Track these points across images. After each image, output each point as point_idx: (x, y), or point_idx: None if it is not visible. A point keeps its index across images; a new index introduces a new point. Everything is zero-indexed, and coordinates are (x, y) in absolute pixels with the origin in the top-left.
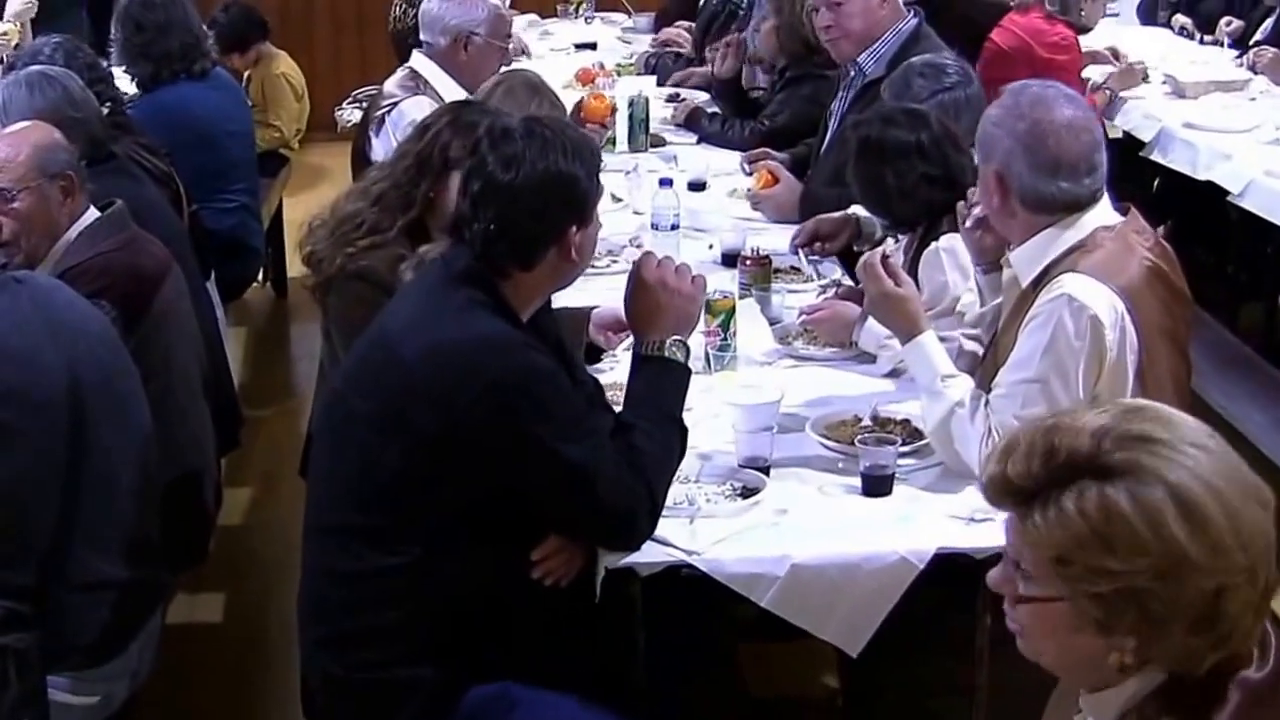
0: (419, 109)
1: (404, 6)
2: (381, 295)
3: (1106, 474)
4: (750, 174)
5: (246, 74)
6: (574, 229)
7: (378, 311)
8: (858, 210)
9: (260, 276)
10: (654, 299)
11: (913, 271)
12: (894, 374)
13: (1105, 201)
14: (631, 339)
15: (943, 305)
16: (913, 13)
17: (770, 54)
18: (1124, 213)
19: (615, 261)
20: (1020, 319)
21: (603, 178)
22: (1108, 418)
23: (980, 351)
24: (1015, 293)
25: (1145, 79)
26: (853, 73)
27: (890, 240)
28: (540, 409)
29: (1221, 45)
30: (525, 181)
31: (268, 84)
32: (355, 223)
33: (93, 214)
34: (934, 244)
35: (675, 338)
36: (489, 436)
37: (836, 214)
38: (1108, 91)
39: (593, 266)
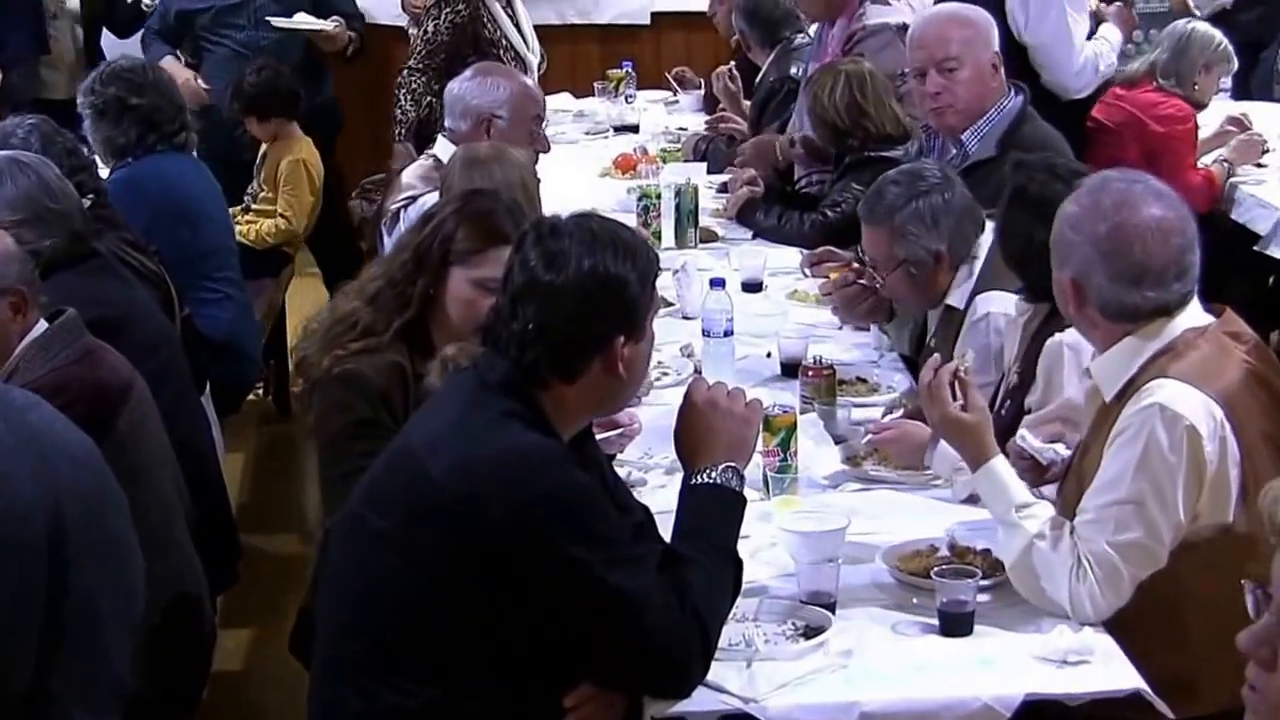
0: None
1: (419, 94)
2: (365, 402)
3: None
4: (810, 276)
5: (262, 150)
6: (621, 339)
7: (359, 420)
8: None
9: (261, 390)
10: (704, 421)
11: (1031, 353)
12: (972, 499)
13: (1195, 302)
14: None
15: (1051, 408)
16: (1015, 90)
17: (823, 142)
18: (1217, 314)
19: (666, 374)
20: (1104, 435)
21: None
22: None
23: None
24: (1097, 406)
25: (1265, 151)
26: (953, 150)
27: (969, 354)
28: (580, 531)
29: None
30: (569, 280)
31: (285, 167)
32: (348, 324)
33: (42, 325)
34: (1059, 337)
35: (728, 464)
36: (522, 561)
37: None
38: (1225, 164)
39: None
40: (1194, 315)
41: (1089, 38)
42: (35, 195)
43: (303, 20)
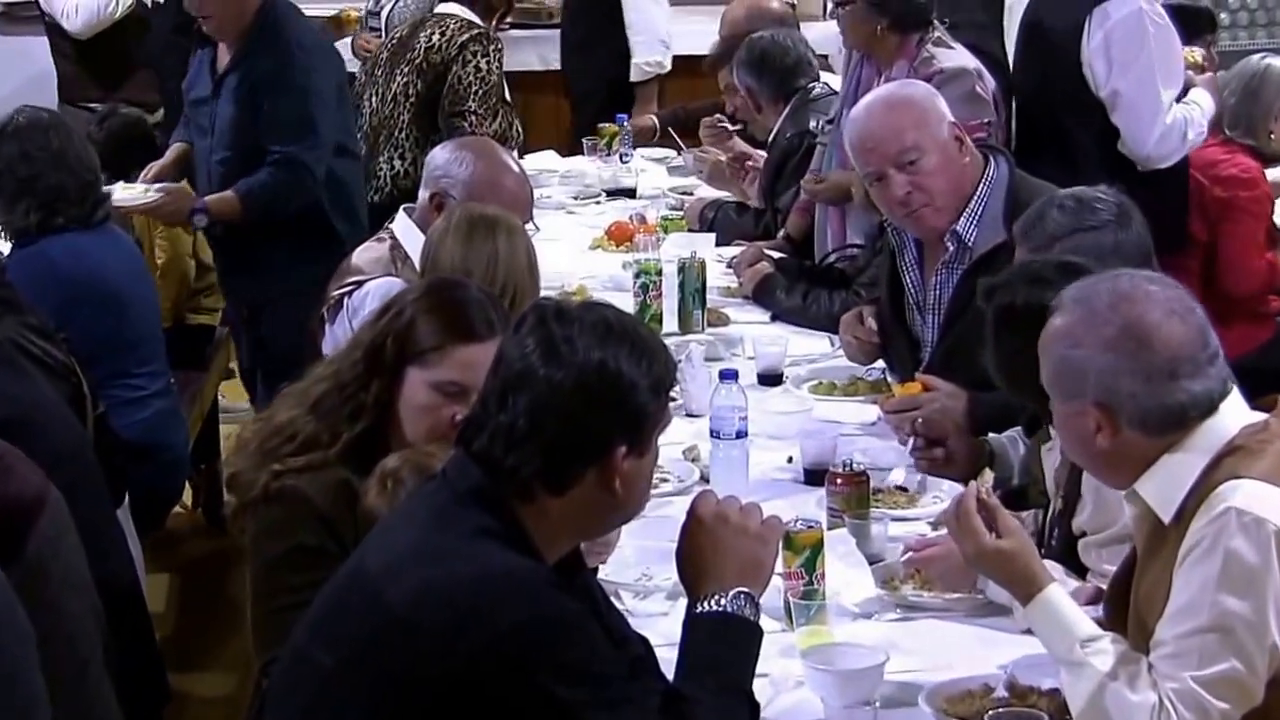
0: (389, 293)
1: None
2: (307, 527)
3: None
4: (739, 280)
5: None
6: (623, 449)
7: (299, 547)
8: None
9: (190, 501)
10: (712, 539)
11: (1074, 482)
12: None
13: (1236, 393)
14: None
15: (1116, 529)
16: (992, 154)
17: (865, 206)
18: (1269, 407)
19: (666, 480)
20: (1162, 558)
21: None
22: None
23: None
24: (1147, 528)
25: None
26: (950, 248)
27: (987, 474)
28: (566, 667)
29: None
30: (570, 374)
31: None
32: (286, 435)
33: None
34: None
35: (740, 589)
36: (497, 702)
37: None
38: None
39: None
40: (1241, 409)
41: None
42: None
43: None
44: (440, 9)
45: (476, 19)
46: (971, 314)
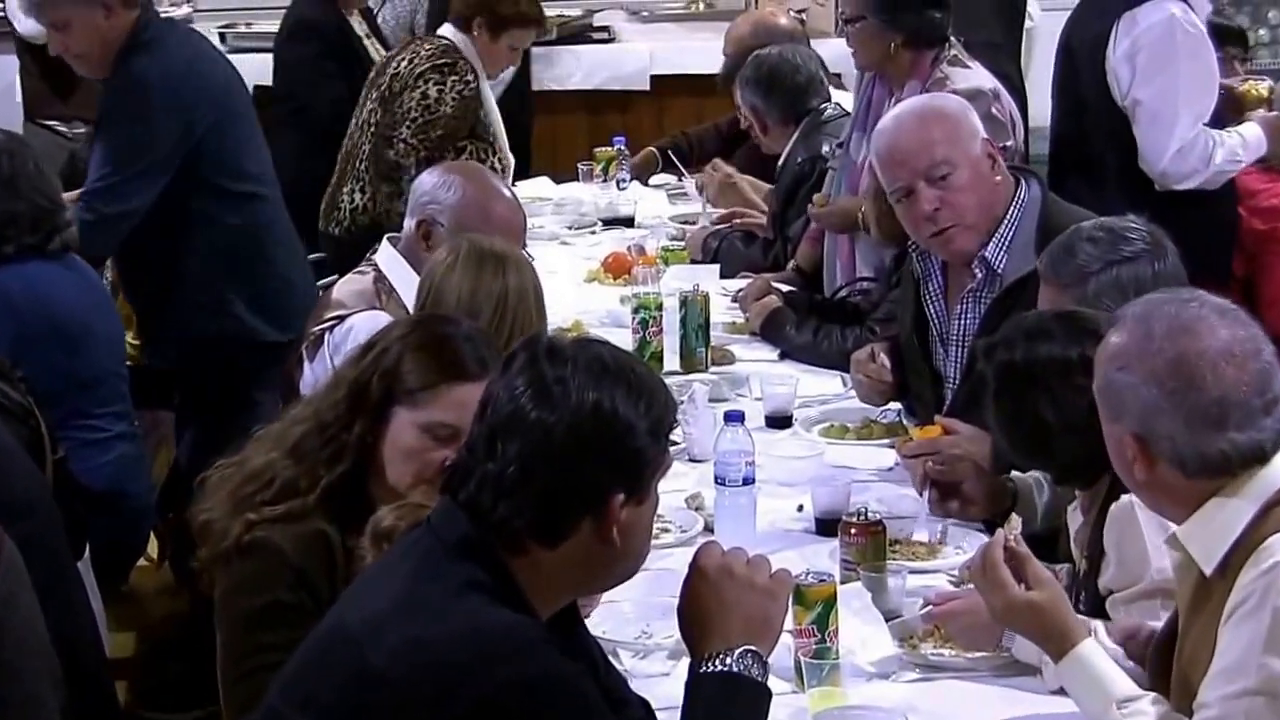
0: (373, 328)
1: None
2: (281, 582)
3: None
4: (745, 313)
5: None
6: (620, 498)
7: (273, 604)
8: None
9: (155, 553)
10: (717, 594)
11: (1097, 540)
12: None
13: None
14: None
15: (1143, 584)
16: (1024, 176)
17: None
18: None
19: (667, 530)
20: (1206, 613)
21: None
22: None
23: None
24: (1191, 580)
25: None
26: (979, 274)
27: (1015, 520)
28: None
29: None
30: (564, 417)
31: None
32: (262, 481)
33: None
34: (1126, 498)
35: (747, 647)
36: None
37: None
38: None
39: None
40: None
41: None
42: None
43: None
44: (442, 30)
45: (460, 42)
46: (979, 354)
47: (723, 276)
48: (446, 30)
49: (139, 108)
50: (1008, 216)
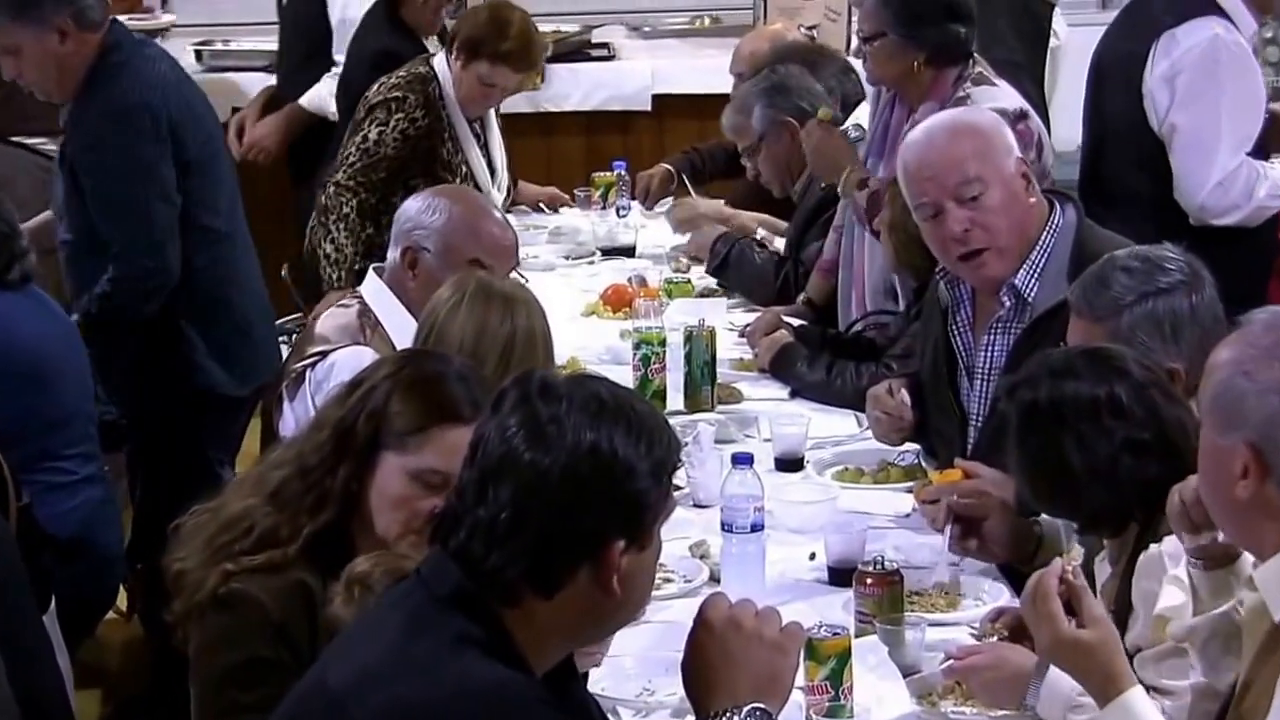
0: (358, 364)
1: (353, 223)
2: (260, 637)
3: None
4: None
5: None
6: (620, 545)
7: (251, 660)
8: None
9: (125, 605)
10: (724, 649)
11: (1125, 594)
12: None
13: None
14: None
15: (1170, 643)
16: (1059, 199)
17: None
18: None
19: (670, 580)
20: (1272, 664)
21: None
22: None
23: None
24: (1264, 627)
25: None
26: (1007, 303)
27: (1076, 549)
28: None
29: None
30: (558, 459)
31: None
32: (240, 529)
33: None
34: (1155, 548)
35: (755, 705)
36: None
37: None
38: None
39: None
40: None
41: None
42: None
43: None
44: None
45: (440, 69)
46: (1002, 394)
47: (730, 288)
48: (439, 55)
49: (122, 136)
50: (1040, 242)
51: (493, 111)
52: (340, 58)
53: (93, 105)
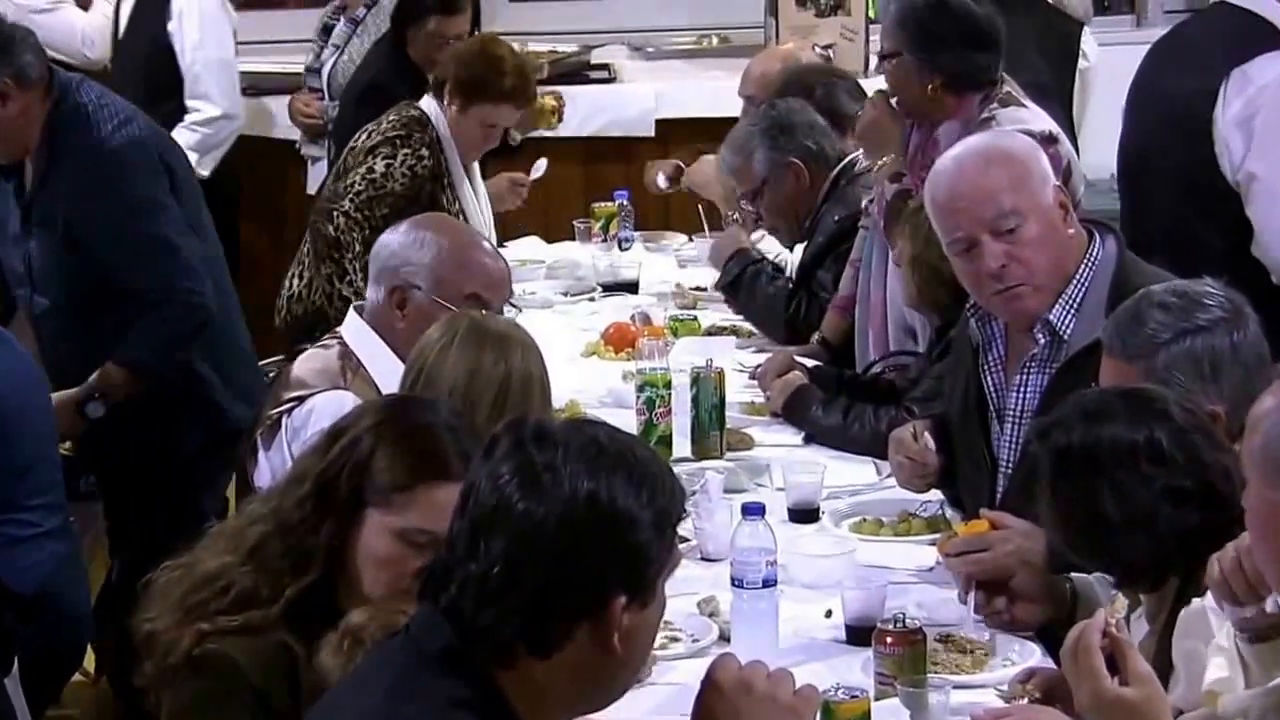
0: (338, 410)
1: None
2: (236, 702)
3: None
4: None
5: None
6: (622, 600)
7: None
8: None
9: (93, 668)
10: (734, 712)
11: (1165, 652)
12: None
13: None
14: None
15: (1210, 708)
16: (1098, 230)
17: (909, 303)
18: None
19: (676, 639)
20: None
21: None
22: None
23: None
24: None
25: None
26: (1041, 340)
27: (1120, 600)
28: None
29: None
30: (554, 509)
31: None
32: (217, 588)
33: None
34: (1199, 603)
35: None
36: None
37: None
38: None
39: None
40: None
41: None
42: None
43: None
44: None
45: (432, 113)
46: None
47: (736, 310)
48: (425, 99)
49: (115, 172)
50: (1077, 275)
51: None
52: (193, 104)
53: (69, 153)
